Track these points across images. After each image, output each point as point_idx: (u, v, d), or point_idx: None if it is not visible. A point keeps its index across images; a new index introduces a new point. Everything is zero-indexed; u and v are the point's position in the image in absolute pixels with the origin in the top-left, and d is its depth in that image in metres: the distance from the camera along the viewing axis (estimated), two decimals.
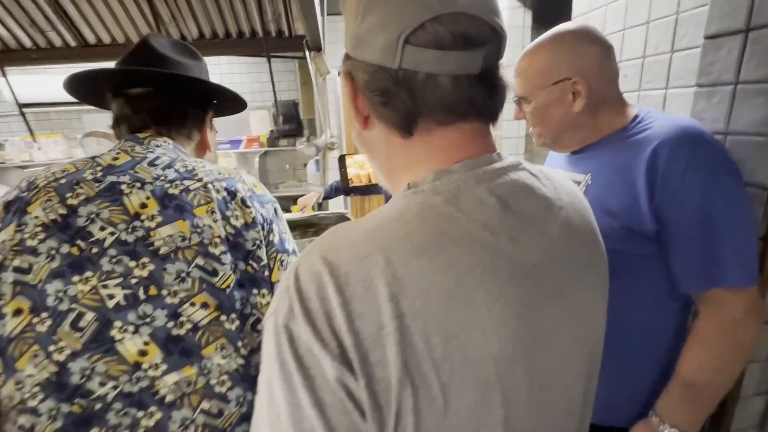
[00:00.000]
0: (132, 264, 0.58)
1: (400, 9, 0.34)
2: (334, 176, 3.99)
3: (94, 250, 0.57)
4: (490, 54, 0.36)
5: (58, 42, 1.82)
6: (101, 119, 3.58)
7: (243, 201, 0.66)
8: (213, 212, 0.62)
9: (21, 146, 3.47)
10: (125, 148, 0.66)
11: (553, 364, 0.39)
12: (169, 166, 0.65)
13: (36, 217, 0.57)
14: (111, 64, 0.74)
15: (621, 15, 1.30)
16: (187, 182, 0.64)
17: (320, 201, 1.97)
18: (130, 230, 0.59)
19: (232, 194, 0.66)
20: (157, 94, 0.70)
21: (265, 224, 0.67)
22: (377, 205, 4.25)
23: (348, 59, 0.39)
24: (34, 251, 0.56)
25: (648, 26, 1.19)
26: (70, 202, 0.58)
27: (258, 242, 0.65)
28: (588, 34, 0.75)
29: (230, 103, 0.83)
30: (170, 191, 0.62)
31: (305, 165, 4.16)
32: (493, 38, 0.36)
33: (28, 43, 1.82)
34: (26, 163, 3.48)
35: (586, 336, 0.42)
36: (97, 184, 0.60)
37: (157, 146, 0.68)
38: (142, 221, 0.59)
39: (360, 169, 0.88)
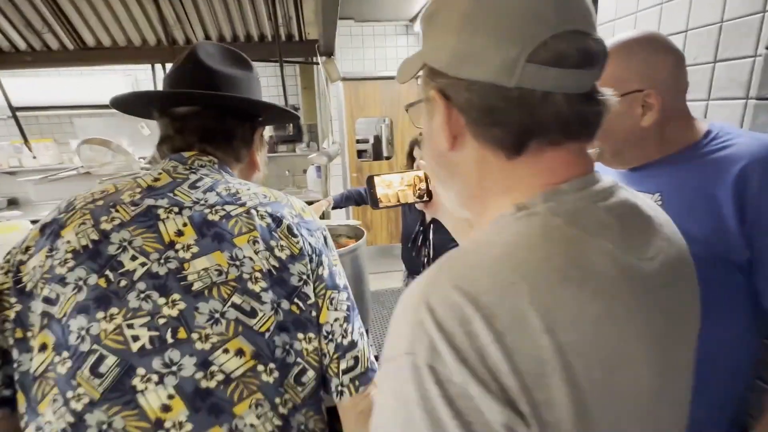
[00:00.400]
0: (161, 301, 0.51)
1: (518, 26, 0.33)
2: (336, 183, 3.92)
3: (123, 282, 0.51)
4: (600, 72, 0.36)
5: (54, 44, 1.72)
6: (94, 124, 3.47)
7: (289, 229, 0.59)
8: (255, 242, 0.55)
9: (10, 151, 3.34)
10: (168, 168, 0.61)
11: (679, 396, 0.38)
12: (210, 188, 0.59)
13: (68, 242, 0.53)
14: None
15: (654, 23, 1.25)
16: (228, 207, 0.57)
17: (330, 209, 1.89)
18: (162, 261, 0.53)
19: (278, 221, 0.59)
20: (204, 113, 0.64)
21: (314, 255, 0.60)
22: (376, 213, 4.18)
23: (439, 76, 0.38)
24: (62, 280, 0.51)
25: (686, 35, 1.14)
26: (103, 226, 0.54)
27: (305, 277, 0.58)
28: (660, 41, 0.69)
29: (281, 116, 0.77)
30: (209, 217, 0.56)
31: (305, 171, 4.09)
32: (604, 56, 0.36)
33: (22, 45, 1.72)
34: (15, 169, 3.35)
35: (691, 364, 0.41)
36: (133, 208, 0.55)
37: (202, 166, 0.62)
38: (177, 251, 0.53)
39: (388, 188, 0.81)
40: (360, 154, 4.21)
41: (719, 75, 1.07)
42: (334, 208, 1.87)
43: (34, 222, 2.15)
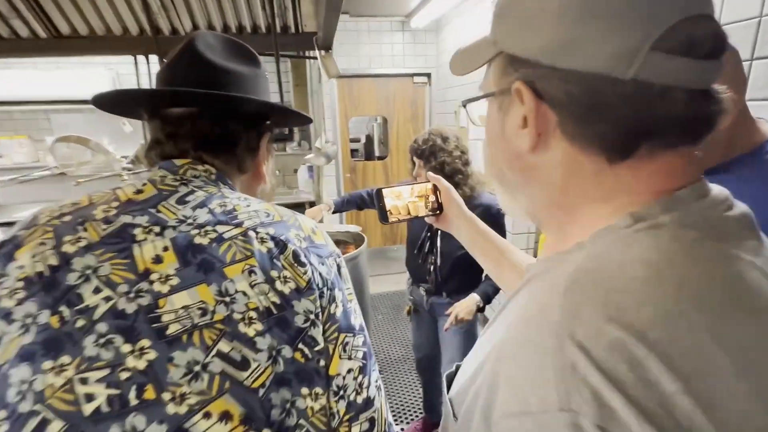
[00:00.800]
0: (126, 348, 0.41)
1: (642, 7, 0.28)
2: (329, 184, 3.80)
3: (80, 322, 0.41)
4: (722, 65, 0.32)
5: (23, 32, 1.57)
6: (72, 120, 3.29)
7: (295, 256, 0.48)
8: (252, 272, 0.45)
9: None
10: (154, 179, 0.51)
11: None
12: (202, 204, 0.49)
13: (21, 267, 0.44)
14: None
15: None
16: (221, 228, 0.47)
17: (330, 214, 1.78)
18: (132, 295, 0.42)
19: (281, 246, 0.48)
20: (202, 115, 0.55)
21: (325, 289, 0.49)
22: (370, 215, 4.08)
23: (525, 66, 0.33)
24: (8, 316, 0.42)
25: None
26: (65, 249, 0.44)
27: (313, 316, 0.47)
28: None
29: (292, 119, 0.68)
30: (197, 240, 0.46)
31: (296, 171, 3.96)
32: (726, 47, 0.32)
33: None
34: None
35: None
36: (105, 226, 0.45)
37: (195, 177, 0.52)
38: (152, 283, 0.43)
39: (397, 199, 0.74)
40: (352, 153, 4.10)
41: (757, 74, 0.99)
42: (334, 212, 1.76)
43: (1, 225, 1.98)
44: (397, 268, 3.89)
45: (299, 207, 3.66)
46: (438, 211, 0.77)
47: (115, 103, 0.59)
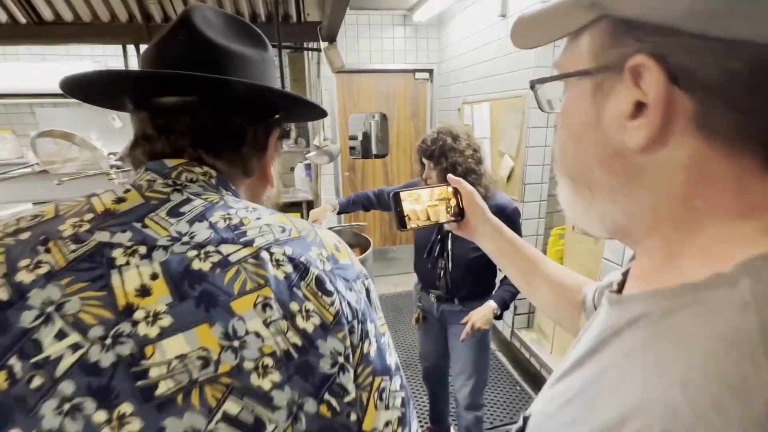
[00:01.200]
0: (100, 417, 0.31)
1: None
2: (326, 183, 3.70)
3: (37, 381, 0.31)
4: None
5: (2, 17, 1.45)
6: (58, 114, 3.18)
7: (320, 283, 0.39)
8: (266, 306, 0.36)
9: None
10: (140, 184, 0.42)
11: None
12: (201, 217, 0.39)
13: None
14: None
15: None
16: (226, 248, 0.38)
17: (335, 215, 1.69)
18: (110, 342, 0.33)
19: (303, 270, 0.39)
20: (201, 106, 0.46)
21: (356, 323, 0.40)
22: (369, 214, 3.98)
23: (653, 34, 0.26)
24: None
25: None
26: (20, 277, 0.34)
27: (342, 359, 0.38)
28: None
29: (303, 112, 0.59)
30: (195, 265, 0.36)
31: (292, 169, 3.86)
32: None
33: None
34: None
35: None
36: (74, 247, 0.36)
37: (191, 181, 0.43)
38: (136, 324, 0.33)
39: (416, 203, 0.67)
40: (349, 151, 4.01)
41: None
42: (339, 213, 1.66)
43: None
44: (397, 269, 3.81)
45: (296, 206, 3.56)
46: (460, 217, 0.71)
47: (92, 88, 0.49)
